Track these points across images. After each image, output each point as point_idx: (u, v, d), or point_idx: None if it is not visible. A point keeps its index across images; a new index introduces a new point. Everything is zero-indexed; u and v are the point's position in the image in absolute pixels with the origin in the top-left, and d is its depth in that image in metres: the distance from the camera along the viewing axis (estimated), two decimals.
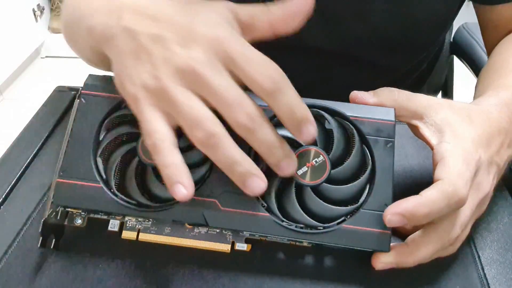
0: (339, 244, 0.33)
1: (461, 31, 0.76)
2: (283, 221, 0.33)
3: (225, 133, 0.30)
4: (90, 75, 0.37)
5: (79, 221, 0.35)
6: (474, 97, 0.45)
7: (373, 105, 0.36)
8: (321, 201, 0.33)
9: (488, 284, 0.34)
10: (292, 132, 0.31)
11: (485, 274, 0.35)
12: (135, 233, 0.34)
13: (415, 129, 0.37)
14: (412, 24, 0.53)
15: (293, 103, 0.30)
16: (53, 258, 0.35)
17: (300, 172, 0.33)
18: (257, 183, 0.30)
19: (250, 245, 0.34)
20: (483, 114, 0.37)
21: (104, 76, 0.37)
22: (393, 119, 0.35)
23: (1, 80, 1.82)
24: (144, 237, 0.34)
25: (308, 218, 0.33)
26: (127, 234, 0.35)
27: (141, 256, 0.35)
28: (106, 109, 0.35)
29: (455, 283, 0.34)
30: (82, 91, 0.36)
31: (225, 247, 0.34)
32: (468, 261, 0.36)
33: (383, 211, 0.32)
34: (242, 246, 0.34)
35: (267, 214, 0.33)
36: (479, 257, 0.36)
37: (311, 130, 0.30)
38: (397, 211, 0.31)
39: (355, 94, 0.37)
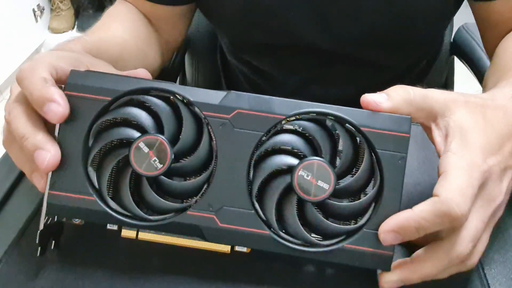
0: (340, 262, 0.32)
1: (461, 31, 0.76)
2: (282, 238, 0.32)
3: (19, 110, 0.34)
4: (72, 71, 0.34)
5: (77, 220, 0.34)
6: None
7: (388, 111, 0.33)
8: (322, 218, 0.32)
9: (488, 284, 0.34)
10: (40, 113, 0.33)
11: (485, 274, 0.35)
12: (135, 232, 0.34)
13: (427, 131, 0.36)
14: (406, 21, 0.53)
15: (30, 88, 0.33)
16: (53, 257, 0.35)
17: (303, 184, 0.31)
18: (42, 156, 0.32)
19: None
20: (499, 111, 0.35)
21: (88, 72, 0.34)
22: (408, 131, 0.32)
23: (1, 80, 1.81)
24: (143, 236, 0.34)
25: (307, 234, 0.32)
26: (126, 233, 0.34)
27: (140, 255, 0.35)
28: (93, 112, 0.33)
29: (455, 283, 0.34)
30: (65, 92, 0.33)
31: (225, 248, 0.34)
32: None
33: None
34: (242, 248, 0.34)
35: (267, 231, 0.32)
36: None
37: (51, 108, 0.32)
38: (388, 229, 0.31)
39: (367, 99, 0.33)
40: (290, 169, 0.32)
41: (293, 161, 0.32)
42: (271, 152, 0.33)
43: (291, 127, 0.33)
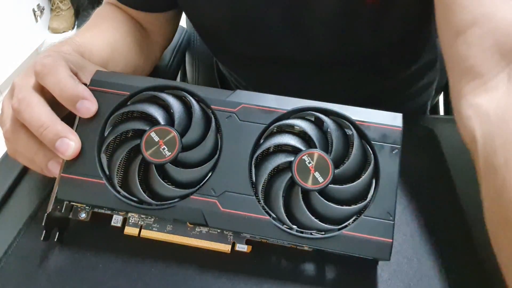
0: (339, 250, 0.32)
1: None
2: (283, 224, 0.33)
3: (37, 100, 0.35)
4: (97, 71, 0.37)
5: (83, 215, 0.36)
6: None
7: None
8: (330, 203, 0.33)
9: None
10: (70, 109, 0.35)
11: None
12: (137, 230, 0.35)
13: None
14: (387, 38, 0.52)
15: (61, 83, 0.34)
16: (56, 253, 0.36)
17: (303, 177, 0.32)
18: (66, 144, 0.33)
19: (250, 247, 0.34)
20: None
21: (112, 72, 0.38)
22: (400, 125, 0.34)
23: (1, 80, 1.82)
24: (146, 233, 0.35)
25: (319, 222, 0.32)
26: (129, 230, 0.35)
27: (142, 252, 0.36)
28: (112, 105, 0.35)
29: (455, 283, 0.34)
30: (88, 86, 0.36)
31: (226, 248, 0.34)
32: (468, 261, 0.36)
33: (385, 219, 0.32)
34: (242, 247, 0.34)
35: (267, 217, 0.33)
36: None
37: (85, 105, 0.34)
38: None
39: None
40: (290, 166, 0.33)
41: (292, 158, 0.33)
42: (271, 152, 0.35)
43: (290, 123, 0.35)
